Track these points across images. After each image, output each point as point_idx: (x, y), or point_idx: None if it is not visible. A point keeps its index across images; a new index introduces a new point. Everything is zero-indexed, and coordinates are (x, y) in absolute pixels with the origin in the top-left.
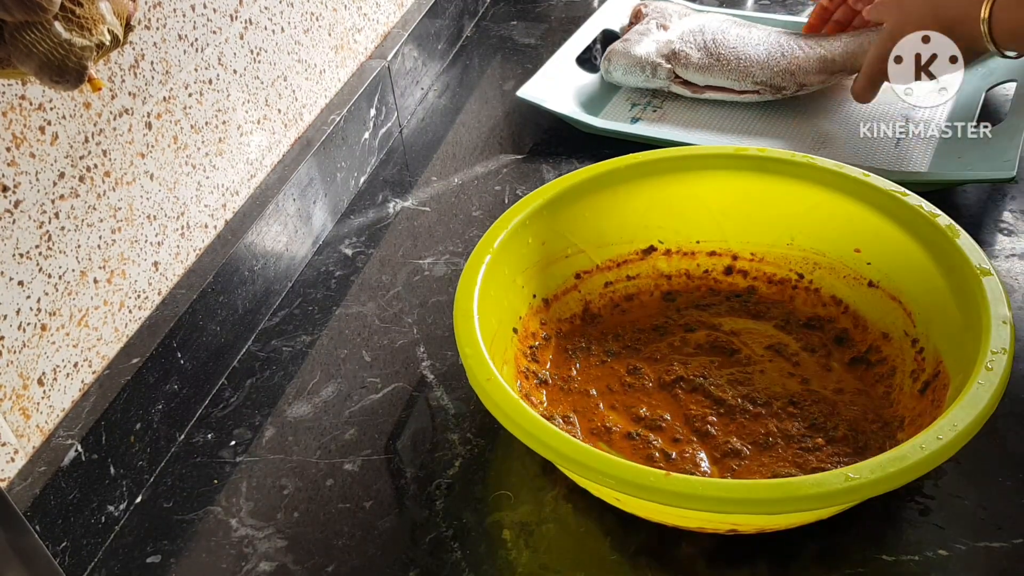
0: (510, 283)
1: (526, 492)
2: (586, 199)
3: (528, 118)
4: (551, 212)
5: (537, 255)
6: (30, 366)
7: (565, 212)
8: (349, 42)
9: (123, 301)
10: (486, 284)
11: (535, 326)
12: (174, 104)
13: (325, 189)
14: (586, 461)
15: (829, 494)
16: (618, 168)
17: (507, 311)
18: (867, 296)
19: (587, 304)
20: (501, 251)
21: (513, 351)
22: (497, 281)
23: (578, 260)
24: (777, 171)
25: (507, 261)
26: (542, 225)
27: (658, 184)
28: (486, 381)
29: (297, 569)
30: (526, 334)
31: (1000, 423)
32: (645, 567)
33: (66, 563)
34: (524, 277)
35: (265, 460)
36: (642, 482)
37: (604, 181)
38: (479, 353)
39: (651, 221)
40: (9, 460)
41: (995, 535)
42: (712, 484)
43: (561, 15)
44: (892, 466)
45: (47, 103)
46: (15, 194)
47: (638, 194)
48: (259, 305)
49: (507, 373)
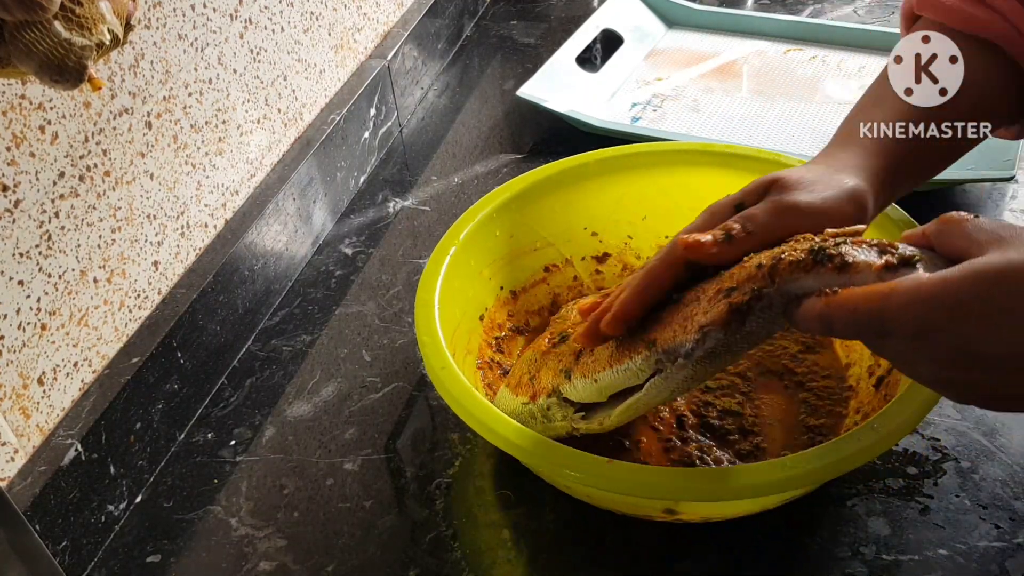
0: (476, 274)
1: (526, 492)
2: (556, 193)
3: (528, 117)
4: (519, 205)
5: (505, 248)
6: (30, 365)
7: (534, 206)
8: (349, 41)
9: (123, 301)
10: (450, 275)
11: (502, 317)
12: (174, 104)
13: (325, 189)
14: (527, 446)
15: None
16: (587, 163)
17: (472, 302)
18: None
19: (555, 297)
20: (467, 243)
21: (478, 341)
22: (462, 272)
23: (547, 253)
24: (744, 167)
25: (474, 253)
26: (510, 218)
27: (628, 179)
28: (440, 369)
29: (297, 568)
30: (492, 325)
31: (1000, 423)
32: (644, 565)
33: (66, 562)
34: (491, 269)
35: (265, 460)
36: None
37: (574, 175)
38: (436, 342)
39: (621, 216)
40: (9, 459)
41: (995, 535)
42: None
43: (561, 15)
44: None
45: (47, 102)
46: (15, 193)
47: (608, 189)
48: (259, 305)
49: (469, 363)
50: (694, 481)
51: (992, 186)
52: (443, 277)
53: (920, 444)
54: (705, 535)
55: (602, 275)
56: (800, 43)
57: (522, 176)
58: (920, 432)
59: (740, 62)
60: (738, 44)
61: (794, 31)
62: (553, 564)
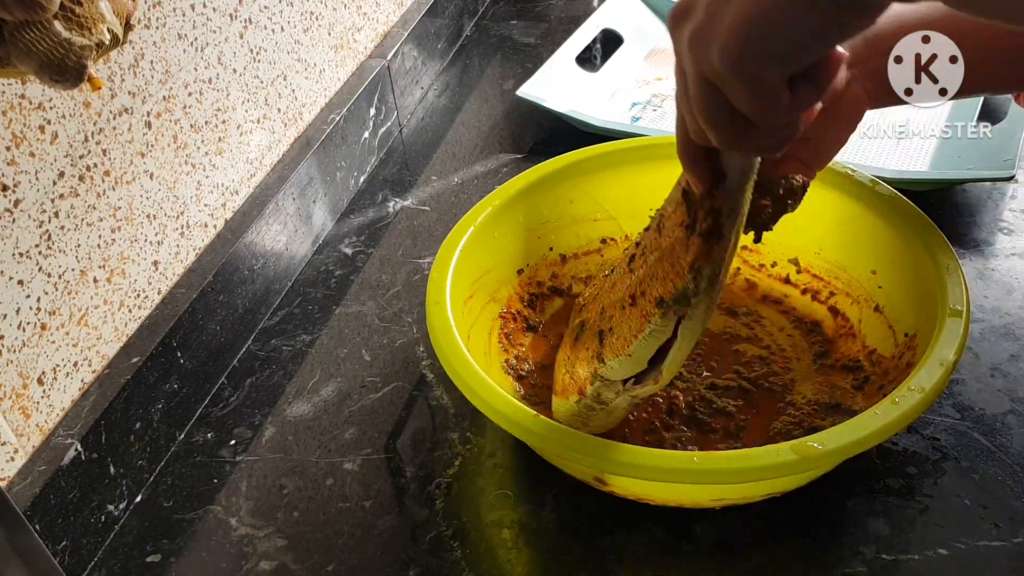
0: (523, 230)
1: (526, 491)
2: (623, 168)
3: (528, 117)
4: (582, 173)
5: (562, 211)
6: (30, 365)
7: (598, 176)
8: (349, 41)
9: (123, 300)
10: (490, 224)
11: (544, 276)
12: (174, 103)
13: (325, 188)
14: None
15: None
16: (659, 144)
17: (512, 255)
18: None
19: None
20: (516, 200)
21: (508, 292)
22: (507, 225)
23: (607, 226)
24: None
25: (523, 210)
26: (572, 185)
27: None
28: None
29: (297, 568)
30: (531, 281)
31: (1000, 423)
32: (646, 566)
33: (66, 562)
34: (543, 229)
35: (265, 459)
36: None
37: (639, 156)
38: (443, 279)
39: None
40: (9, 459)
41: (995, 535)
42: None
43: (561, 14)
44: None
45: (47, 102)
46: (15, 193)
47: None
48: (259, 304)
49: (491, 309)
50: (616, 453)
51: (992, 186)
52: (479, 225)
53: (920, 444)
54: (706, 537)
55: None
56: None
57: (589, 148)
58: (920, 432)
59: None
60: None
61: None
62: (553, 564)
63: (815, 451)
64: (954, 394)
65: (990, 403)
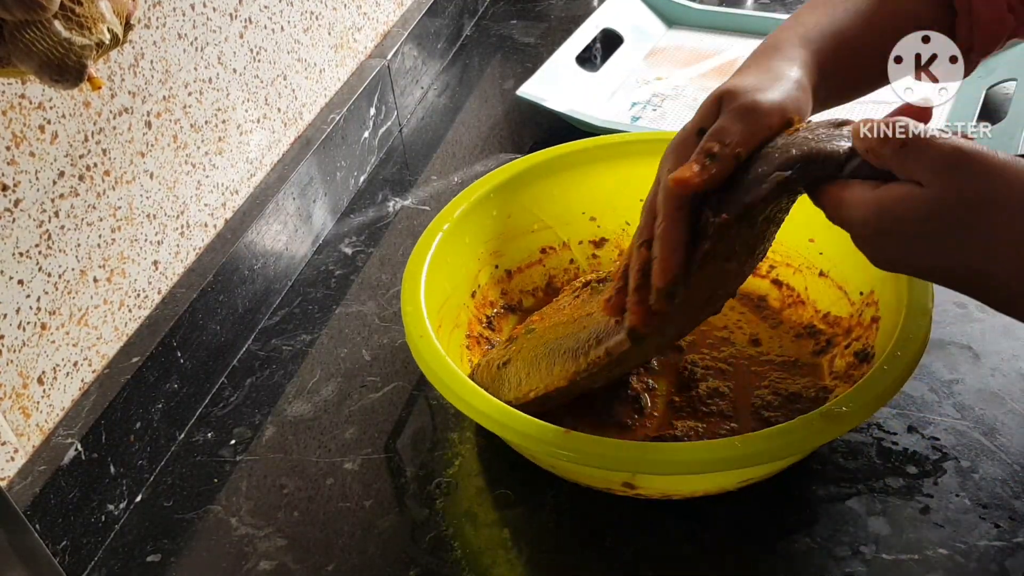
0: (470, 252)
1: (526, 491)
2: (555, 176)
3: (528, 117)
4: (517, 187)
5: (502, 227)
6: (30, 365)
7: (532, 188)
8: (349, 41)
9: (123, 300)
10: (442, 251)
11: (495, 295)
12: (174, 103)
13: (325, 188)
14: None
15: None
16: (588, 148)
17: (464, 278)
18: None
19: (551, 279)
20: (462, 221)
21: (467, 316)
22: (456, 249)
23: (545, 235)
24: None
25: (468, 231)
26: (508, 199)
27: (627, 166)
28: (419, 338)
29: (297, 568)
30: (484, 302)
31: (1000, 423)
32: (645, 566)
33: (66, 562)
34: (487, 248)
35: (265, 459)
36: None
37: (573, 160)
38: (419, 312)
39: (620, 202)
40: (9, 459)
41: (995, 534)
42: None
43: (561, 14)
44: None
45: (47, 102)
46: (15, 193)
47: (608, 175)
48: (259, 304)
49: (457, 336)
50: (648, 453)
51: None
52: (434, 252)
53: (920, 444)
54: (707, 537)
55: (599, 259)
56: None
57: (521, 159)
58: (920, 432)
59: (740, 62)
60: (738, 44)
61: None
62: (553, 564)
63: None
64: (954, 394)
65: (990, 403)
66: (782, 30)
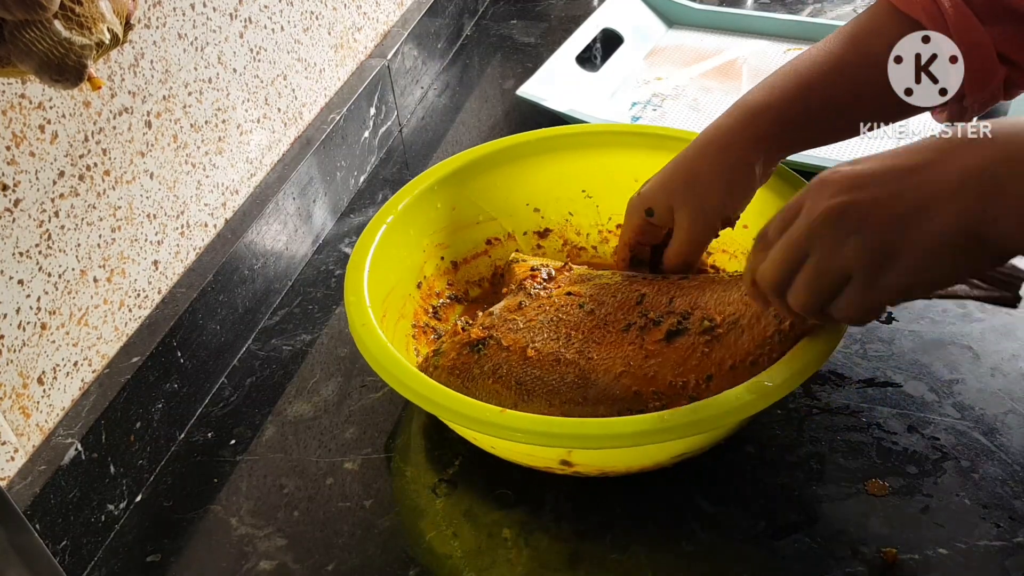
0: (415, 243)
1: (526, 491)
2: (498, 169)
3: (528, 117)
4: (461, 180)
5: (447, 220)
6: (30, 365)
7: (477, 181)
8: (349, 41)
9: (123, 300)
10: (386, 242)
11: (441, 286)
12: (174, 103)
13: (325, 188)
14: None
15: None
16: (529, 141)
17: (410, 269)
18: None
19: (496, 270)
20: (406, 213)
21: (413, 307)
22: (400, 240)
23: (490, 227)
24: (674, 147)
25: (413, 223)
26: (453, 192)
27: (569, 158)
28: (361, 326)
29: (297, 568)
30: (430, 292)
31: (1000, 423)
32: (645, 565)
33: (66, 562)
34: (432, 239)
35: (265, 459)
36: (479, 416)
37: (516, 153)
38: (361, 301)
39: (563, 193)
40: (9, 459)
41: (995, 535)
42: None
43: (561, 14)
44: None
45: (47, 102)
46: (15, 193)
47: (550, 167)
48: (259, 304)
49: (403, 326)
50: (581, 428)
51: None
52: (378, 243)
53: (920, 443)
54: (706, 537)
55: (543, 250)
56: (800, 42)
57: (464, 152)
58: (920, 431)
59: (740, 61)
60: (738, 43)
61: (794, 30)
62: (552, 563)
63: (768, 387)
64: (954, 394)
65: (990, 403)
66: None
